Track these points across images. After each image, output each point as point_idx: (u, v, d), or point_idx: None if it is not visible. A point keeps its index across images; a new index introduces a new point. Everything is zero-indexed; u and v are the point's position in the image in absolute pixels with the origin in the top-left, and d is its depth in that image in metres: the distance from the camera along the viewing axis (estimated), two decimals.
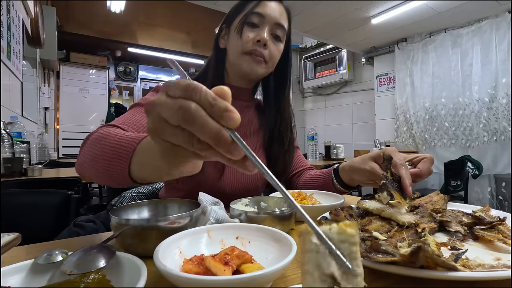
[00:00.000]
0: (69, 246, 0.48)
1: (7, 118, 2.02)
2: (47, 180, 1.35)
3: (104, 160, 0.46)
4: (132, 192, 0.84)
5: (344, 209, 0.49)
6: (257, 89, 0.90)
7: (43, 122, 4.17)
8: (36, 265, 0.33)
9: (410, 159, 0.63)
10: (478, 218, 0.44)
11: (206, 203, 0.53)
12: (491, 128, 2.75)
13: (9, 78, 2.34)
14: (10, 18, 2.33)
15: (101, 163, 0.47)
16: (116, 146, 0.45)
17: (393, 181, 0.53)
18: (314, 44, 4.42)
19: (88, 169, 0.51)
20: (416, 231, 0.40)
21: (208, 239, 0.41)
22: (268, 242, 0.40)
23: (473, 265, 0.31)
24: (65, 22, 4.39)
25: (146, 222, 0.41)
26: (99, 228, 0.69)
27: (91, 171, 0.50)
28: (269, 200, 0.61)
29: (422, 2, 2.58)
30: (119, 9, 4.10)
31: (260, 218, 0.49)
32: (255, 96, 0.92)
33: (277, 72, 0.84)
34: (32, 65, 3.50)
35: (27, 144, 1.76)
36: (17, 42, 2.60)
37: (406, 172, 0.54)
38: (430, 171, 0.60)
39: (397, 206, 0.48)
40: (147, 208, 0.52)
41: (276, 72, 0.84)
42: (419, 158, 0.62)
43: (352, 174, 0.72)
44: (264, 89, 0.89)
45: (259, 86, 0.90)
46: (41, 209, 0.97)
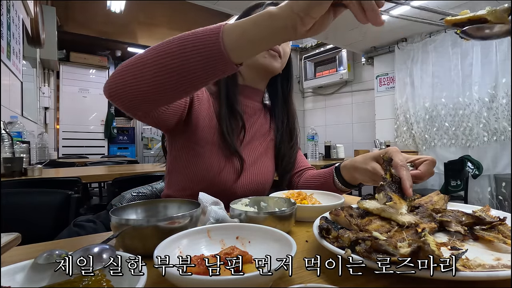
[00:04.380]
0: (69, 246, 0.48)
1: (7, 118, 2.02)
2: (47, 180, 1.35)
3: (183, 44, 0.44)
4: (132, 192, 0.84)
5: (344, 209, 0.49)
6: (265, 91, 0.92)
7: (43, 122, 4.17)
8: (36, 265, 0.33)
9: (411, 160, 0.63)
10: (478, 218, 0.44)
11: (206, 203, 0.53)
12: (491, 128, 2.75)
13: (9, 78, 2.34)
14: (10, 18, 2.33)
15: (177, 51, 0.45)
16: (196, 31, 0.45)
17: (392, 183, 0.53)
18: (314, 44, 4.42)
19: (146, 67, 0.47)
20: (416, 231, 0.40)
21: (208, 239, 0.41)
22: (268, 242, 0.40)
23: (473, 265, 0.31)
24: (65, 22, 4.39)
25: (146, 222, 0.41)
26: (99, 228, 0.68)
27: (153, 68, 0.46)
28: (269, 200, 0.61)
29: (422, 2, 2.58)
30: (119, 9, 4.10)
31: (260, 218, 0.49)
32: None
33: (283, 70, 0.86)
34: (32, 65, 3.50)
35: (27, 144, 1.77)
36: (17, 42, 2.60)
37: (407, 174, 0.54)
38: (431, 173, 0.60)
39: (394, 208, 0.48)
40: (147, 208, 0.52)
41: (282, 70, 0.86)
42: (421, 160, 0.62)
43: (354, 172, 0.72)
44: (271, 89, 0.92)
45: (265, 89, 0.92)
46: (41, 209, 0.97)
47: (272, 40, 0.44)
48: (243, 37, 0.43)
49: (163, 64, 0.46)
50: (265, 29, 0.42)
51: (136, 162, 3.69)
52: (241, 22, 0.44)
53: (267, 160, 0.85)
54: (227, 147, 0.75)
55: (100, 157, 4.27)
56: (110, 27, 4.65)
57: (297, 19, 0.40)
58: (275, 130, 0.90)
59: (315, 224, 0.46)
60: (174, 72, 0.46)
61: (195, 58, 0.44)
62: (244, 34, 0.43)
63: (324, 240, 0.40)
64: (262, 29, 0.43)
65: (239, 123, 0.78)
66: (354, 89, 4.09)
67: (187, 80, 0.46)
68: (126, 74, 0.49)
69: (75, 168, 2.27)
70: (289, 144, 0.89)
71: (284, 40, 0.44)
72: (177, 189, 0.78)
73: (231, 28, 0.43)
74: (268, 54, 0.77)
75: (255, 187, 0.81)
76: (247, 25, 0.43)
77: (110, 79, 0.51)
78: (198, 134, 0.74)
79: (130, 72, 0.49)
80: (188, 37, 0.45)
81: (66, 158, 3.79)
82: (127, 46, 5.10)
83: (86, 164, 2.76)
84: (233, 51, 0.43)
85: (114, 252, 0.34)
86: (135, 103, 0.51)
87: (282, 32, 0.42)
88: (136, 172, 1.73)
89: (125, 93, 0.50)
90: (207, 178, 0.74)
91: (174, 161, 0.78)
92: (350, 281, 0.34)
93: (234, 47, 0.43)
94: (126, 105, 0.52)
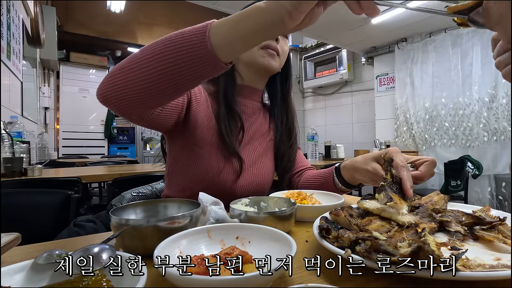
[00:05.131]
0: (69, 246, 0.48)
1: (7, 118, 2.02)
2: (47, 180, 1.35)
3: (171, 46, 0.44)
4: (132, 192, 0.84)
5: (344, 209, 0.49)
6: (264, 90, 0.92)
7: (43, 122, 4.17)
8: (36, 265, 0.33)
9: (412, 161, 0.63)
10: (478, 218, 0.44)
11: (206, 203, 0.53)
12: (491, 128, 2.75)
13: (9, 78, 2.34)
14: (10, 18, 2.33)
15: (164, 53, 0.44)
16: (183, 31, 0.44)
17: (393, 183, 0.53)
18: (314, 44, 4.42)
19: (135, 70, 0.47)
20: (416, 231, 0.40)
21: (208, 239, 0.41)
22: (268, 242, 0.40)
23: (473, 265, 0.31)
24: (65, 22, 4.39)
25: (146, 222, 0.41)
26: (99, 228, 0.68)
27: (141, 71, 0.46)
28: (269, 200, 0.61)
29: (422, 2, 2.58)
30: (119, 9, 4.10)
31: (260, 218, 0.49)
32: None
33: (282, 68, 0.86)
34: (32, 65, 3.50)
35: (27, 144, 1.77)
36: (17, 42, 2.60)
37: (407, 174, 0.54)
38: (432, 174, 0.60)
39: (394, 208, 0.48)
40: (147, 208, 0.52)
41: (281, 69, 0.86)
42: (421, 161, 0.62)
43: (354, 173, 0.72)
44: (270, 88, 0.92)
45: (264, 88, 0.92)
46: (41, 209, 0.97)
47: (261, 36, 0.43)
48: (231, 34, 0.43)
49: (152, 66, 0.46)
50: (253, 25, 0.42)
51: (136, 162, 3.69)
52: (228, 19, 0.43)
53: (266, 160, 0.85)
54: (226, 148, 0.74)
55: (100, 157, 4.27)
56: (110, 27, 4.65)
57: (285, 13, 0.39)
58: (274, 129, 0.90)
59: (315, 224, 0.46)
60: (162, 75, 0.45)
61: (183, 60, 0.44)
62: (231, 31, 0.42)
63: (324, 240, 0.40)
64: (250, 24, 0.42)
65: (237, 123, 0.78)
66: (354, 89, 4.09)
67: (176, 82, 0.46)
68: (116, 77, 0.49)
69: (75, 168, 2.27)
70: (288, 144, 0.89)
71: (273, 35, 0.44)
72: (177, 190, 0.78)
73: (218, 26, 0.43)
74: (267, 53, 0.77)
75: (254, 187, 0.81)
76: (234, 21, 0.43)
77: (102, 83, 0.52)
78: (197, 135, 0.74)
79: (120, 76, 0.49)
80: (176, 38, 0.45)
81: (66, 158, 3.78)
82: (127, 46, 5.10)
83: (86, 164, 2.76)
84: (221, 49, 0.43)
85: (114, 252, 0.34)
86: (127, 106, 0.51)
87: (270, 27, 0.41)
88: (136, 172, 1.73)
89: (116, 97, 0.50)
90: (207, 179, 0.74)
91: (173, 162, 0.78)
92: (350, 281, 0.34)
93: (222, 45, 0.43)
94: (118, 109, 0.52)
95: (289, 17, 0.40)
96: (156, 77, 0.46)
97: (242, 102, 0.83)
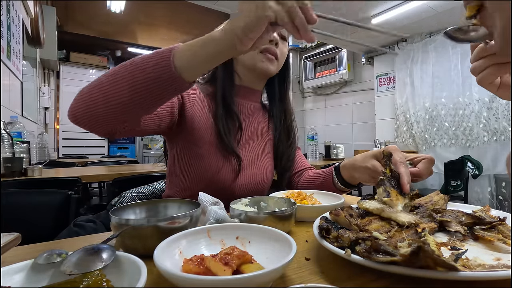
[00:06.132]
0: (69, 246, 0.48)
1: (7, 118, 2.02)
2: (47, 180, 1.35)
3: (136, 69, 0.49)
4: (132, 192, 0.85)
5: (344, 209, 0.49)
6: (263, 91, 0.93)
7: (43, 122, 4.17)
8: (36, 265, 0.33)
9: (410, 159, 0.64)
10: (478, 218, 0.44)
11: (206, 203, 0.53)
12: (491, 128, 2.75)
13: (9, 78, 2.34)
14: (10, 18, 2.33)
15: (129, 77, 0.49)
16: (147, 55, 0.50)
17: (391, 178, 0.54)
18: (314, 44, 4.42)
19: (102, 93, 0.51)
20: (416, 231, 0.40)
21: (208, 239, 0.41)
22: (268, 242, 0.40)
23: (473, 265, 0.31)
24: (65, 22, 4.39)
25: (146, 222, 0.41)
26: (99, 228, 0.69)
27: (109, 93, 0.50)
28: (269, 200, 0.61)
29: (422, 2, 2.58)
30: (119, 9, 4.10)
31: (260, 218, 0.49)
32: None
33: (280, 69, 0.87)
34: (32, 65, 3.51)
35: (27, 144, 1.77)
36: (17, 42, 2.60)
37: (405, 170, 0.55)
38: (430, 172, 0.61)
39: (391, 204, 0.48)
40: (147, 208, 0.52)
41: (280, 70, 0.86)
42: (419, 158, 0.63)
43: (353, 171, 0.72)
44: (269, 88, 0.92)
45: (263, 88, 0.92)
46: (41, 209, 0.97)
47: (219, 59, 0.51)
48: (193, 59, 0.49)
49: (119, 89, 0.50)
50: (211, 51, 0.49)
51: (136, 162, 3.69)
52: (190, 46, 0.49)
53: (265, 159, 0.86)
54: (225, 147, 0.75)
55: (100, 157, 4.27)
56: (110, 27, 4.65)
57: (237, 40, 0.46)
58: (273, 129, 0.90)
59: (315, 224, 0.46)
60: (131, 97, 0.50)
61: (149, 84, 0.49)
62: (193, 56, 0.49)
63: (324, 240, 0.40)
64: (209, 50, 0.49)
65: (235, 123, 0.78)
66: (354, 89, 4.09)
67: (143, 102, 0.51)
68: (86, 99, 0.53)
69: (75, 168, 2.27)
70: (287, 143, 0.90)
71: (229, 57, 0.51)
72: (178, 190, 0.79)
73: (182, 51, 0.49)
74: (265, 57, 0.77)
75: (254, 186, 0.81)
76: (196, 48, 0.49)
77: (73, 103, 0.55)
78: (195, 135, 0.74)
79: (90, 98, 0.52)
80: (142, 63, 0.49)
81: (66, 158, 3.78)
82: (127, 46, 5.10)
83: (86, 164, 2.76)
84: (185, 71, 0.49)
85: (114, 252, 0.34)
86: (101, 126, 0.54)
87: (225, 52, 0.49)
88: (136, 172, 1.73)
89: (88, 119, 0.54)
90: (206, 178, 0.74)
91: (174, 162, 0.79)
92: (350, 281, 0.34)
93: (186, 68, 0.49)
94: (91, 129, 0.55)
95: (240, 43, 0.47)
96: (124, 98, 0.50)
97: (241, 102, 0.83)
